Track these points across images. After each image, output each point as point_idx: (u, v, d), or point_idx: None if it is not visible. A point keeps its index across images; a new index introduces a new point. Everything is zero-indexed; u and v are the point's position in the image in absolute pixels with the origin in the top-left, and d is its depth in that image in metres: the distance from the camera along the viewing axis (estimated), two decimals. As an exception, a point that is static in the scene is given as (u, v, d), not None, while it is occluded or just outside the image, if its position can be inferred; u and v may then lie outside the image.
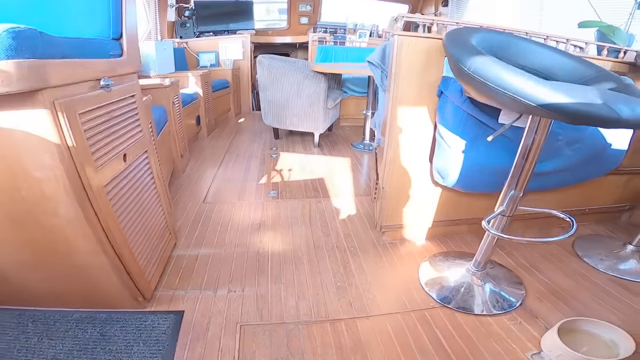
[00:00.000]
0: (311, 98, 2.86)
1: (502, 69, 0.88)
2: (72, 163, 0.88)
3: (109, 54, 1.14)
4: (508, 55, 1.32)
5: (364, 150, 3.11)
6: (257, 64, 3.03)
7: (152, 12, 3.83)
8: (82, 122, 0.92)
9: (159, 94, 2.29)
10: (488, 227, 1.22)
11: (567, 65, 1.26)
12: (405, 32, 1.38)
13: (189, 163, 2.76)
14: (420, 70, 1.42)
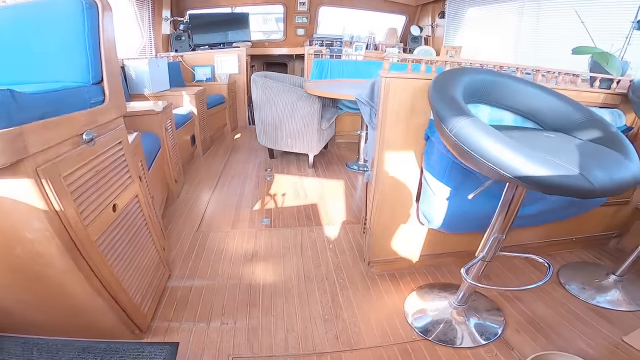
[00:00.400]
0: (305, 119, 2.86)
1: (482, 136, 0.88)
2: (60, 224, 0.91)
3: (89, 103, 1.11)
4: (497, 96, 1.32)
5: (358, 171, 3.10)
6: (251, 82, 3.03)
7: (146, 27, 3.82)
8: (67, 184, 0.93)
9: (150, 121, 2.27)
10: (466, 277, 1.26)
11: (557, 107, 1.25)
12: (393, 73, 1.38)
13: (184, 186, 2.77)
14: (407, 112, 1.42)
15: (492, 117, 1.35)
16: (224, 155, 3.49)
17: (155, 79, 3.19)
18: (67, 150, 0.95)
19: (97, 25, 1.10)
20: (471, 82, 1.23)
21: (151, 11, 3.85)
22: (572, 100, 1.26)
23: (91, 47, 1.10)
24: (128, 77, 3.12)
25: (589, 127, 1.17)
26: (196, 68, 4.11)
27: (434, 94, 1.09)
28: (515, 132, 1.16)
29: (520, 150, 0.83)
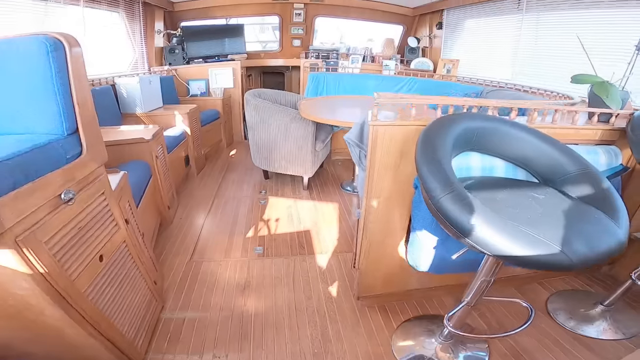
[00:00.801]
0: (299, 141, 2.80)
1: (464, 213, 0.86)
2: (47, 283, 0.92)
3: (65, 159, 1.05)
4: (489, 144, 1.27)
5: (353, 193, 3.05)
6: (244, 102, 2.98)
7: (137, 40, 3.75)
8: (49, 247, 0.93)
9: (140, 149, 2.22)
10: (448, 325, 1.28)
11: (551, 157, 1.20)
12: (382, 121, 1.32)
13: (178, 209, 2.73)
14: (397, 159, 1.37)
15: (483, 164, 1.30)
16: (219, 174, 3.44)
17: (147, 98, 3.14)
18: (46, 215, 0.93)
19: (66, 67, 1.02)
20: (463, 132, 1.18)
21: (143, 24, 3.77)
22: (569, 150, 1.20)
23: (61, 94, 1.01)
24: (119, 96, 3.07)
25: (582, 182, 1.13)
26: (190, 82, 4.05)
27: (420, 154, 1.03)
28: (502, 191, 1.12)
29: (502, 228, 0.82)
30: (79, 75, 1.07)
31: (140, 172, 2.14)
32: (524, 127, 1.26)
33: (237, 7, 4.43)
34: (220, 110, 3.95)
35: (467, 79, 3.56)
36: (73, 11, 2.85)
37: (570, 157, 1.18)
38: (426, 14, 4.22)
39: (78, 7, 2.86)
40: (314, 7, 4.47)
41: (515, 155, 1.26)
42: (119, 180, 1.52)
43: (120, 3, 3.38)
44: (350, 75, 3.96)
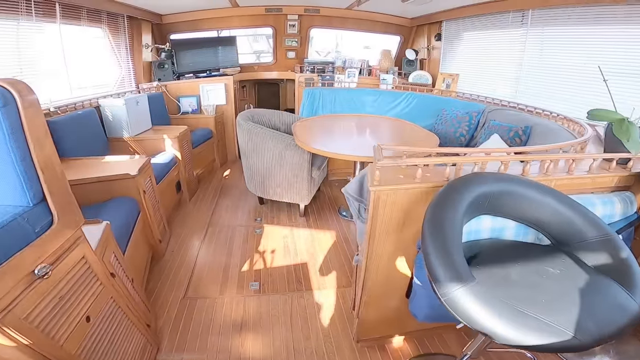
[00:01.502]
0: (294, 169, 2.68)
1: (475, 309, 0.81)
2: (35, 352, 0.89)
3: (34, 233, 0.93)
4: (503, 208, 1.16)
5: (351, 220, 2.93)
6: (236, 125, 2.85)
7: (123, 56, 3.57)
8: (29, 322, 0.89)
9: (126, 185, 2.09)
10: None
11: (569, 220, 1.10)
12: (384, 185, 1.19)
13: (170, 241, 2.61)
14: (400, 223, 1.25)
15: (493, 226, 1.20)
16: (212, 199, 3.30)
17: (134, 120, 3.00)
18: (21, 293, 0.87)
19: (20, 124, 0.87)
20: (475, 200, 1.07)
21: (129, 39, 3.61)
22: (590, 214, 1.10)
23: (19, 159, 0.88)
24: (105, 119, 2.93)
25: (600, 250, 1.03)
26: (181, 99, 3.90)
27: (429, 240, 0.92)
28: (515, 266, 1.01)
29: (516, 321, 0.79)
30: (39, 132, 0.92)
31: (127, 209, 2.02)
32: (541, 187, 1.14)
33: (228, 19, 4.28)
34: (213, 129, 3.80)
35: (467, 94, 3.43)
36: (50, 29, 2.69)
37: (590, 222, 1.08)
38: (424, 25, 4.09)
39: (54, 24, 2.70)
40: (308, 18, 4.32)
41: (529, 217, 1.16)
42: (101, 233, 1.40)
43: (103, 18, 3.21)
44: (346, 91, 3.82)
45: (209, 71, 4.20)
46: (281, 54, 4.55)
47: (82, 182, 1.99)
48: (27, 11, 2.42)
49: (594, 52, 2.45)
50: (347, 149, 2.38)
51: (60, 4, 2.66)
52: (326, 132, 2.83)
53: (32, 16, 2.46)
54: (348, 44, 7.65)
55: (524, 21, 2.93)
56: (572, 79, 2.62)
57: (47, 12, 2.61)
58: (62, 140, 2.40)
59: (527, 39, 2.94)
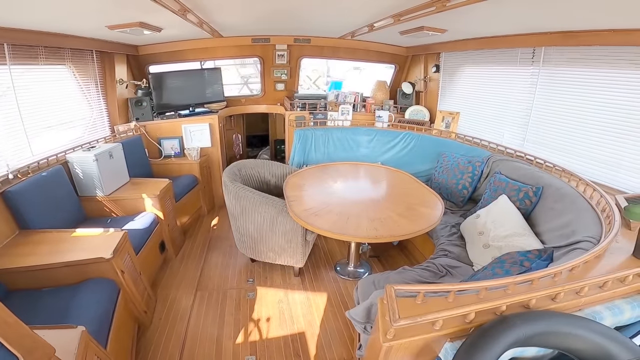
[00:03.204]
0: (287, 235, 2.45)
1: None
2: None
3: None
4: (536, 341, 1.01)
5: (348, 279, 2.73)
6: (222, 185, 2.60)
7: (93, 95, 3.21)
8: None
9: (100, 268, 1.86)
10: None
11: (601, 348, 1.00)
12: (399, 339, 0.99)
13: (156, 306, 2.40)
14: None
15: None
16: (200, 255, 3.05)
17: (108, 177, 2.72)
18: None
19: None
20: (510, 345, 0.89)
21: (99, 75, 3.27)
22: (624, 339, 1.02)
23: None
24: (74, 176, 2.64)
25: None
26: (162, 141, 3.62)
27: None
28: None
29: None
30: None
31: (105, 292, 1.81)
32: (577, 321, 1.03)
33: (212, 50, 4.00)
34: (198, 175, 3.52)
35: (469, 137, 3.23)
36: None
37: (626, 346, 1.00)
38: (420, 55, 3.88)
39: (4, 67, 2.28)
40: (298, 48, 4.07)
41: (559, 346, 1.03)
42: (77, 342, 1.27)
43: (66, 55, 2.84)
44: (340, 130, 3.60)
45: (192, 107, 3.92)
46: (269, 86, 4.29)
47: (50, 267, 1.79)
48: None
49: (621, 100, 2.12)
50: (345, 221, 2.16)
51: (10, 45, 2.27)
52: (321, 194, 2.61)
53: None
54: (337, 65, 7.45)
55: (535, 59, 2.66)
56: (590, 131, 2.32)
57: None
58: (24, 211, 2.13)
59: (538, 80, 2.66)
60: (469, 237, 2.32)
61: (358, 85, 5.86)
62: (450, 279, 1.96)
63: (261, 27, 3.39)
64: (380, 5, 2.15)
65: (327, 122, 3.68)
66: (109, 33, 2.60)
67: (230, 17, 2.75)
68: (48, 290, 1.79)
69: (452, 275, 1.99)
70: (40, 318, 1.58)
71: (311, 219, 2.18)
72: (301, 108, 3.75)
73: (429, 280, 1.90)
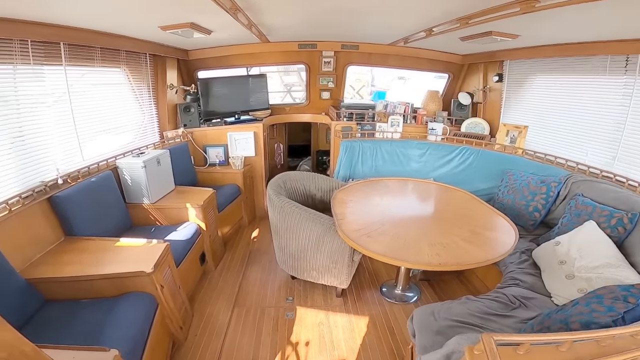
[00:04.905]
0: (333, 255, 2.26)
1: None
2: None
3: None
4: None
5: (395, 302, 2.48)
6: (266, 199, 2.48)
7: (145, 100, 3.24)
8: None
9: (140, 282, 1.79)
10: None
11: None
12: None
13: (192, 322, 2.29)
14: None
15: None
16: (240, 268, 2.93)
17: (155, 184, 2.69)
18: None
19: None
20: None
21: (152, 80, 3.30)
22: None
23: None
24: (123, 183, 2.63)
25: None
26: (208, 149, 3.59)
27: None
28: None
29: None
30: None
31: (143, 308, 1.74)
32: None
33: (259, 55, 3.95)
34: (241, 185, 3.44)
35: (540, 153, 2.86)
36: (52, 75, 2.25)
37: None
38: (479, 63, 3.57)
39: (59, 67, 2.28)
40: (345, 55, 3.91)
41: None
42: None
43: (121, 58, 2.85)
44: (389, 143, 3.37)
45: (238, 114, 3.88)
46: (315, 94, 4.16)
47: (90, 279, 1.75)
48: (22, 54, 2.00)
49: None
50: (401, 245, 1.94)
51: (67, 44, 2.27)
52: (371, 212, 2.40)
53: (29, 59, 2.04)
54: (381, 74, 7.21)
55: (630, 67, 2.29)
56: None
57: (50, 54, 2.19)
58: (71, 216, 2.12)
59: (633, 91, 2.29)
60: (546, 266, 2.05)
61: (402, 96, 5.61)
62: (525, 311, 1.72)
63: (308, 31, 3.28)
64: (445, 7, 1.93)
65: (376, 134, 3.46)
66: (161, 35, 2.58)
67: (278, 19, 2.64)
68: (86, 302, 1.74)
69: (527, 307, 1.76)
70: (76, 332, 1.52)
71: (363, 240, 1.97)
72: (348, 118, 3.57)
73: (499, 312, 1.68)
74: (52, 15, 1.88)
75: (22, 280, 1.65)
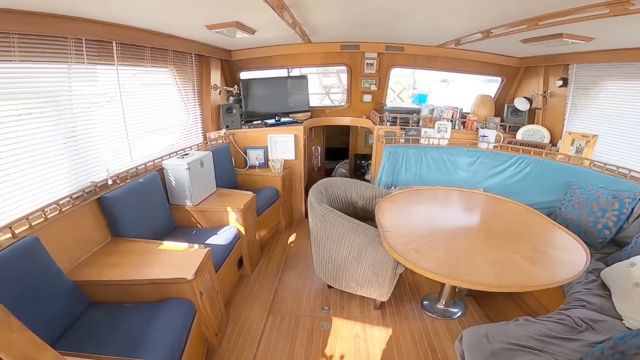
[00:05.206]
0: (376, 267, 2.14)
1: None
2: None
3: None
4: None
5: (437, 317, 2.32)
6: (308, 206, 2.40)
7: (190, 98, 3.27)
8: None
9: (181, 288, 1.78)
10: None
11: None
12: None
13: (227, 327, 2.26)
14: None
15: None
16: (275, 275, 2.88)
17: (197, 186, 2.70)
18: None
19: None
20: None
21: (197, 80, 3.33)
22: None
23: None
24: (167, 184, 2.66)
25: None
26: (249, 151, 3.59)
27: None
28: None
29: None
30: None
31: (181, 316, 1.73)
32: None
33: (300, 56, 3.90)
34: (280, 189, 3.40)
35: (611, 166, 2.56)
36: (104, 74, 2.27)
37: None
38: (538, 67, 3.29)
39: (111, 67, 2.30)
40: (389, 57, 3.76)
41: None
42: None
43: (169, 58, 2.88)
44: (435, 150, 3.18)
45: (278, 116, 3.84)
46: (356, 97, 4.03)
47: (133, 283, 1.77)
48: (77, 53, 2.02)
49: None
50: (454, 262, 1.79)
51: (119, 43, 2.29)
52: (419, 224, 2.26)
53: (83, 58, 2.06)
54: (422, 77, 6.89)
55: None
56: None
57: (103, 53, 2.21)
58: (119, 217, 2.15)
59: None
60: (617, 287, 1.86)
61: (445, 99, 5.35)
62: (593, 334, 1.57)
63: (352, 32, 3.17)
64: (512, 7, 1.74)
65: (421, 140, 3.29)
66: (206, 35, 2.58)
67: (323, 18, 2.55)
68: (129, 306, 1.74)
69: (595, 330, 1.61)
70: (118, 337, 1.53)
71: (411, 255, 1.84)
72: (391, 122, 3.41)
73: (564, 335, 1.55)
74: (108, 13, 1.87)
75: (69, 282, 1.68)
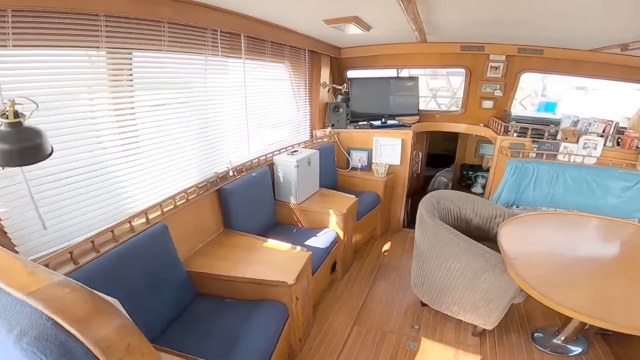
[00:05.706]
0: (490, 294, 1.87)
1: None
2: None
3: None
4: None
5: (550, 353, 1.94)
6: (417, 219, 2.21)
7: (302, 97, 3.34)
8: None
9: (279, 291, 1.79)
10: None
11: None
12: None
13: (311, 332, 2.22)
14: None
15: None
16: (366, 282, 2.76)
17: (303, 185, 2.74)
18: None
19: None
20: None
21: (308, 76, 3.36)
22: None
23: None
24: (275, 180, 2.75)
25: None
26: (352, 151, 3.54)
27: None
28: None
29: None
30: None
31: (275, 319, 1.74)
32: None
33: (411, 56, 3.67)
34: (381, 194, 3.26)
35: None
36: (235, 68, 2.38)
37: None
38: None
39: (239, 60, 2.39)
40: (522, 60, 3.27)
41: None
42: None
43: (285, 53, 2.96)
44: (578, 168, 2.64)
45: (384, 118, 3.69)
46: (473, 102, 3.63)
47: (238, 280, 1.83)
48: (213, 45, 2.11)
49: None
50: (603, 300, 1.47)
51: (246, 36, 2.37)
52: (555, 254, 1.88)
53: (217, 51, 2.15)
54: (552, 82, 5.87)
55: None
56: None
57: (233, 46, 2.29)
58: (232, 209, 2.27)
59: None
60: None
61: (583, 109, 4.47)
62: None
63: (474, 31, 2.84)
64: None
65: (558, 156, 2.77)
66: (320, 31, 2.56)
67: (449, 13, 2.29)
68: (230, 302, 1.81)
69: None
70: (217, 333, 1.59)
71: (548, 289, 1.54)
72: (519, 133, 2.96)
73: None
74: (239, 2, 1.90)
75: (184, 272, 1.80)
